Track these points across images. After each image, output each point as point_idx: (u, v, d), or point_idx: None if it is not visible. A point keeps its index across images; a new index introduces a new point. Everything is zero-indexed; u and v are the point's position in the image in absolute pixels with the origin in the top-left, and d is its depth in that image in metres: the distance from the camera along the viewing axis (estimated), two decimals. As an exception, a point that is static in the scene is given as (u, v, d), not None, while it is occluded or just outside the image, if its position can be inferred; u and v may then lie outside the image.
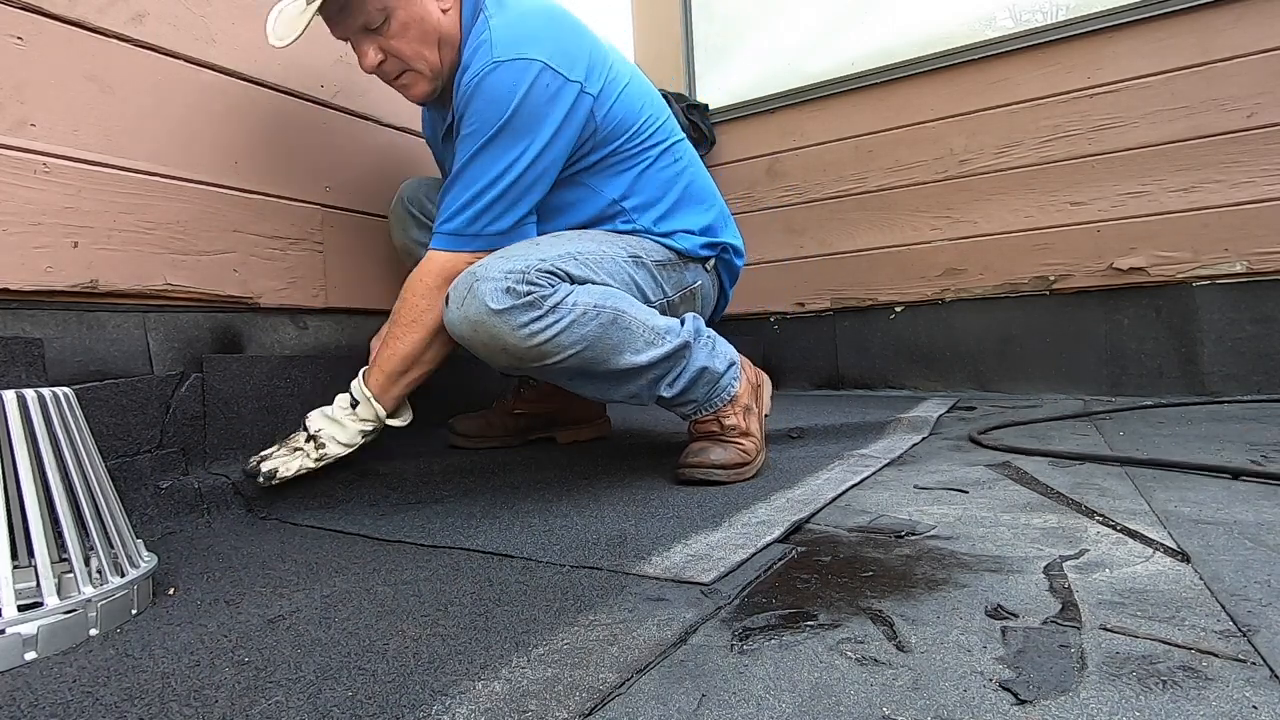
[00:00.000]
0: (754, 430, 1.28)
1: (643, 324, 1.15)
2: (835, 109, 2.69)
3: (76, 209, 1.13)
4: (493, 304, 1.04)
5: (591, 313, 1.09)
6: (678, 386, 1.21)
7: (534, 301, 1.05)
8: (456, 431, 1.59)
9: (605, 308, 1.11)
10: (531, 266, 1.07)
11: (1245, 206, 2.06)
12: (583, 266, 1.14)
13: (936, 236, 2.53)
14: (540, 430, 1.67)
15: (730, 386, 1.26)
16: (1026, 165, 2.37)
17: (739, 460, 1.22)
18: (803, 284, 2.78)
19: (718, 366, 1.24)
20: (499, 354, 1.09)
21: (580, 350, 1.09)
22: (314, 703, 0.52)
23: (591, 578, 0.77)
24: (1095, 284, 2.27)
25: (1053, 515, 0.94)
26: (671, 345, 1.17)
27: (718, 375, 1.24)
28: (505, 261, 1.07)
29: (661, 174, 1.33)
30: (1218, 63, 2.09)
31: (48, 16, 1.10)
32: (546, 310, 1.06)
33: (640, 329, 1.15)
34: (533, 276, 1.06)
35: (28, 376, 0.98)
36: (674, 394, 1.22)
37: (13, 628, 0.61)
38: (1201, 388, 2.12)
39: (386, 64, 1.21)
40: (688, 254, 1.34)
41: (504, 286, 1.04)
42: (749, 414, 1.29)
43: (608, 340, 1.11)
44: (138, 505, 1.06)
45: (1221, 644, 0.55)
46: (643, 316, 1.16)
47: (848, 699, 0.50)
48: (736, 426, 1.25)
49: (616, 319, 1.12)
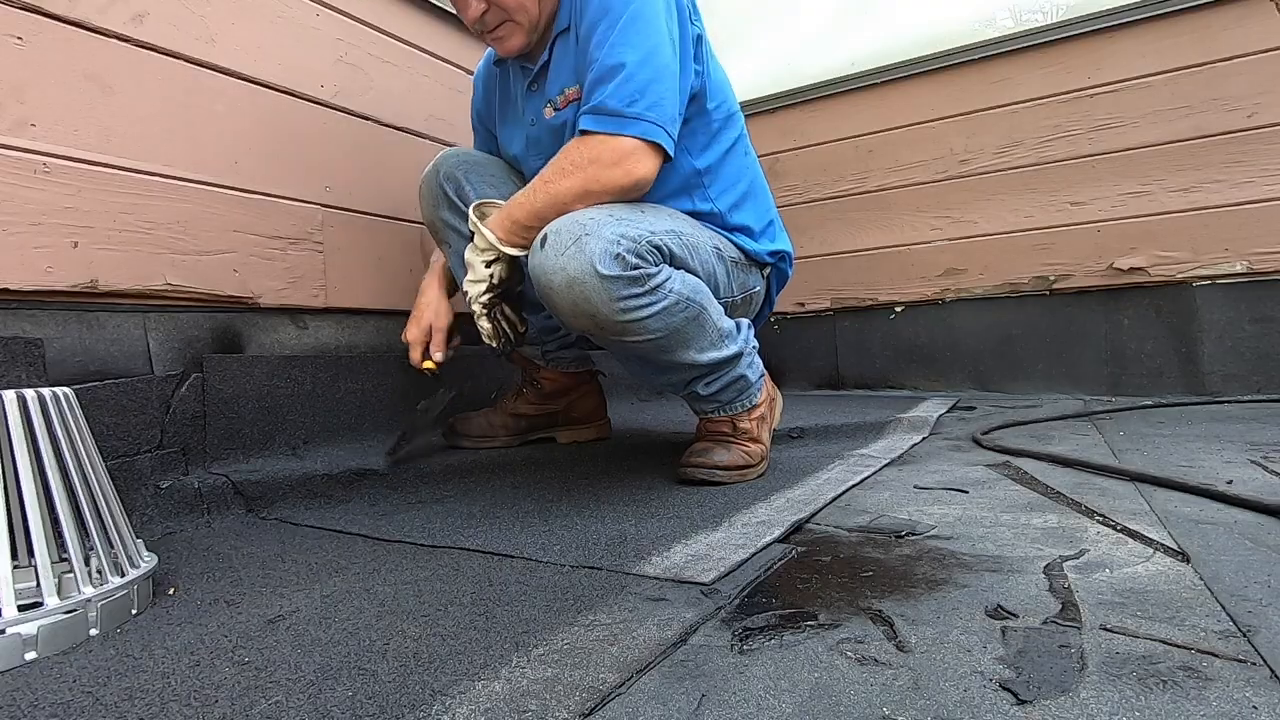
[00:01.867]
0: (763, 438, 1.29)
1: (715, 326, 1.16)
2: (835, 109, 2.69)
3: (76, 209, 1.13)
4: (601, 267, 0.99)
5: (682, 304, 1.08)
6: (714, 388, 1.22)
7: (639, 278, 1.02)
8: (457, 431, 1.59)
9: (694, 302, 1.10)
10: (643, 237, 1.03)
11: (1245, 206, 2.06)
12: (684, 249, 1.13)
13: (937, 236, 2.53)
14: (541, 430, 1.67)
15: (755, 395, 1.28)
16: (1027, 165, 2.37)
17: (743, 463, 1.22)
18: (803, 284, 2.77)
19: (752, 376, 1.26)
20: (580, 317, 1.04)
21: (658, 338, 1.08)
22: (314, 703, 0.52)
23: (591, 578, 0.77)
24: (1095, 284, 2.27)
25: (1053, 515, 0.94)
26: (729, 351, 1.19)
27: (749, 384, 1.26)
28: (618, 224, 1.02)
29: (738, 160, 1.33)
30: (1218, 62, 2.08)
31: (48, 16, 1.10)
32: (647, 290, 1.03)
33: (712, 330, 1.15)
34: (643, 249, 1.03)
35: (28, 376, 0.98)
36: (707, 393, 1.23)
37: (13, 628, 0.61)
38: (1201, 388, 2.12)
39: (489, 14, 1.20)
40: (754, 257, 1.34)
41: (615, 252, 0.99)
42: (762, 423, 1.30)
43: (684, 334, 1.11)
44: (138, 505, 1.06)
45: (1221, 644, 0.55)
46: (717, 318, 1.16)
47: (848, 699, 0.50)
48: (748, 431, 1.26)
49: (699, 316, 1.12)
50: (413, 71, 1.76)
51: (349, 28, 1.60)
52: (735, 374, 1.23)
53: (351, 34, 1.61)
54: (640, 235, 1.03)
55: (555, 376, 1.63)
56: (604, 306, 1.01)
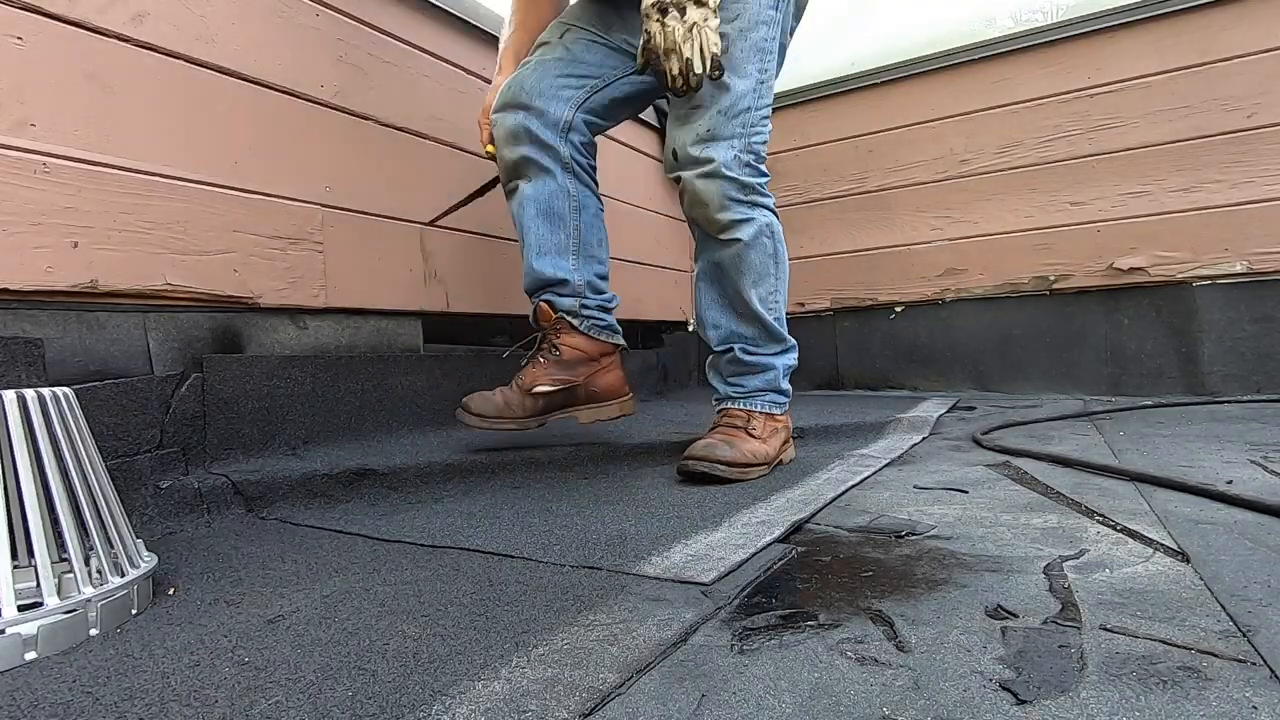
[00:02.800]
0: (772, 448, 1.31)
1: (777, 285, 1.35)
2: (835, 109, 2.69)
3: (76, 209, 1.13)
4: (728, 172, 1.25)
5: (765, 233, 1.32)
6: (750, 362, 1.33)
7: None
8: (471, 411, 1.41)
9: (778, 236, 1.34)
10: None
11: (1245, 206, 2.06)
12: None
13: (936, 236, 2.53)
14: (559, 408, 1.49)
15: (780, 405, 1.35)
16: (1027, 165, 2.37)
17: (746, 460, 1.23)
18: (803, 284, 2.78)
19: (781, 384, 1.35)
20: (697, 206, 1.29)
21: (743, 250, 1.29)
22: (314, 703, 0.52)
23: (591, 578, 0.77)
24: (1095, 284, 2.27)
25: (1053, 515, 0.94)
26: (777, 324, 1.33)
27: (776, 387, 1.34)
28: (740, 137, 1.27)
29: None
30: (1218, 63, 2.09)
31: (48, 16, 1.10)
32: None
33: (773, 284, 1.34)
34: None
35: (28, 376, 0.98)
36: (741, 366, 1.33)
37: (13, 628, 0.61)
38: (1201, 388, 2.12)
39: None
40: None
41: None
42: (775, 435, 1.33)
43: (755, 264, 1.30)
44: (138, 505, 1.06)
45: (1221, 644, 0.55)
46: (783, 291, 1.37)
47: (848, 699, 0.50)
48: (759, 434, 1.29)
49: (776, 253, 1.33)
50: (413, 71, 1.76)
51: (349, 28, 1.60)
52: (772, 368, 1.32)
53: (351, 34, 1.60)
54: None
55: (578, 343, 1.47)
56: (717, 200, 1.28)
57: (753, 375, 1.33)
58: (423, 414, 1.66)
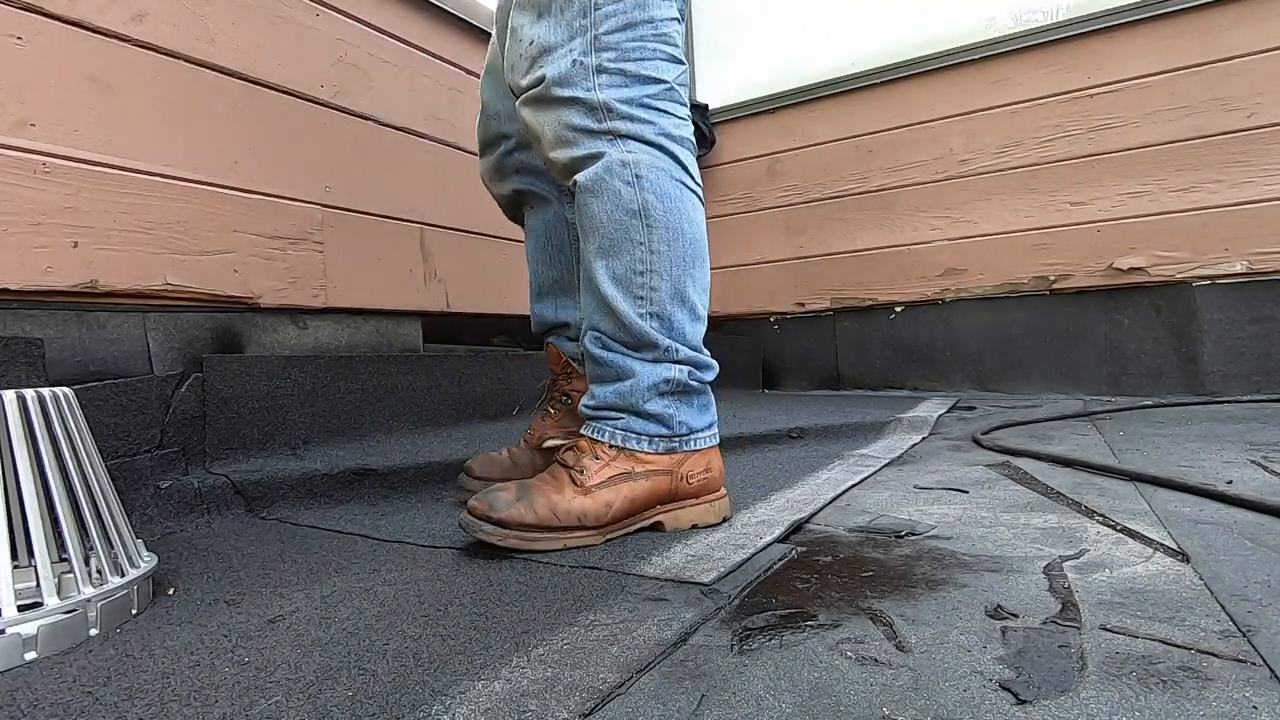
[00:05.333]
0: (600, 504, 0.87)
1: (653, 271, 0.90)
2: (835, 109, 2.69)
3: (76, 209, 1.13)
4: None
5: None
6: (600, 356, 0.93)
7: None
8: (475, 475, 1.16)
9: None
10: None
11: (1245, 206, 2.06)
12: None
13: (936, 236, 2.53)
14: None
15: (639, 439, 0.91)
16: (1026, 165, 2.37)
17: (536, 521, 0.85)
18: (803, 284, 2.78)
19: (646, 405, 0.90)
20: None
21: (583, 201, 0.91)
22: (314, 703, 0.52)
23: (591, 578, 0.77)
24: (1095, 284, 2.27)
25: (1053, 515, 0.94)
26: (645, 321, 0.90)
27: (634, 407, 0.90)
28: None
29: None
30: (1218, 63, 2.09)
31: (48, 16, 1.10)
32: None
33: (641, 262, 0.90)
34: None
35: (28, 376, 0.98)
36: (594, 365, 0.94)
37: (13, 628, 0.61)
38: (1201, 388, 2.12)
39: None
40: None
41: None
42: (625, 484, 0.89)
43: (602, 221, 0.90)
44: (138, 505, 1.06)
45: (1221, 644, 0.55)
46: (669, 272, 0.91)
47: (848, 699, 0.50)
48: (591, 480, 0.88)
49: (643, 219, 0.89)
50: (413, 71, 1.76)
51: (349, 28, 1.60)
52: (630, 375, 0.91)
53: (351, 34, 1.60)
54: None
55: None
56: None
57: (605, 383, 0.92)
58: (423, 414, 1.66)
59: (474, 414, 1.77)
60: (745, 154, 2.89)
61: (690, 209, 0.92)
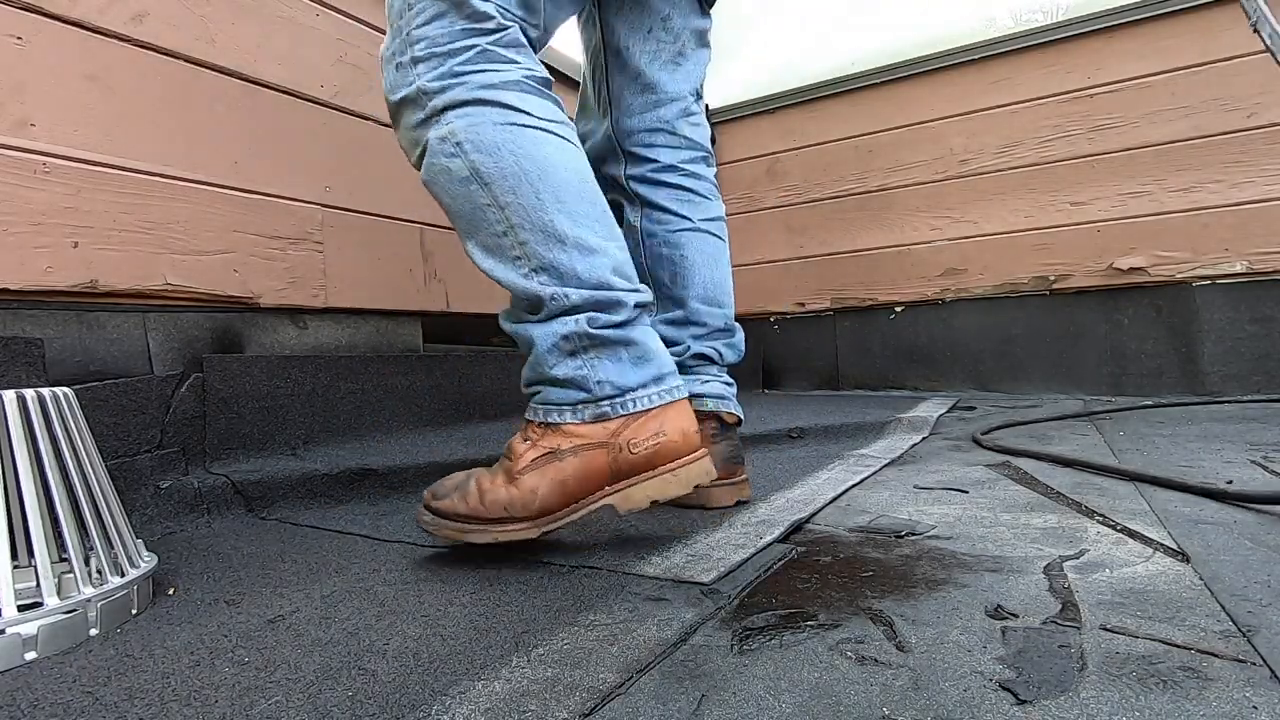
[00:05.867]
0: (529, 490, 0.80)
1: (512, 228, 0.81)
2: (835, 109, 2.69)
3: (76, 209, 1.13)
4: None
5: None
6: (509, 329, 0.87)
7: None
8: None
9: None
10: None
11: (1245, 206, 2.06)
12: None
13: (936, 236, 2.53)
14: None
15: (553, 410, 0.82)
16: (1027, 165, 2.37)
17: (464, 512, 0.81)
18: (803, 284, 2.78)
19: (551, 369, 0.81)
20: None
21: (431, 187, 0.86)
22: (314, 703, 0.52)
23: (591, 578, 0.77)
24: (1095, 284, 2.27)
25: (1053, 515, 0.94)
26: (518, 270, 0.81)
27: (543, 374, 0.83)
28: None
29: None
30: (1218, 63, 2.09)
31: (48, 16, 1.10)
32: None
33: (498, 224, 0.82)
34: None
35: (28, 376, 0.98)
36: (513, 342, 0.87)
37: (13, 628, 0.61)
38: (1201, 388, 2.12)
39: None
40: None
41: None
42: (551, 466, 0.80)
43: (449, 202, 0.84)
44: (138, 505, 1.06)
45: (1221, 644, 0.55)
46: (528, 219, 0.81)
47: (848, 699, 0.50)
48: (511, 468, 0.81)
49: (479, 181, 0.82)
50: (413, 71, 1.76)
51: (349, 28, 1.60)
52: (529, 343, 0.83)
53: (351, 34, 1.60)
54: None
55: None
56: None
57: (526, 360, 0.87)
58: (423, 414, 1.66)
59: (474, 414, 1.77)
60: (745, 154, 2.89)
61: (530, 144, 0.81)
